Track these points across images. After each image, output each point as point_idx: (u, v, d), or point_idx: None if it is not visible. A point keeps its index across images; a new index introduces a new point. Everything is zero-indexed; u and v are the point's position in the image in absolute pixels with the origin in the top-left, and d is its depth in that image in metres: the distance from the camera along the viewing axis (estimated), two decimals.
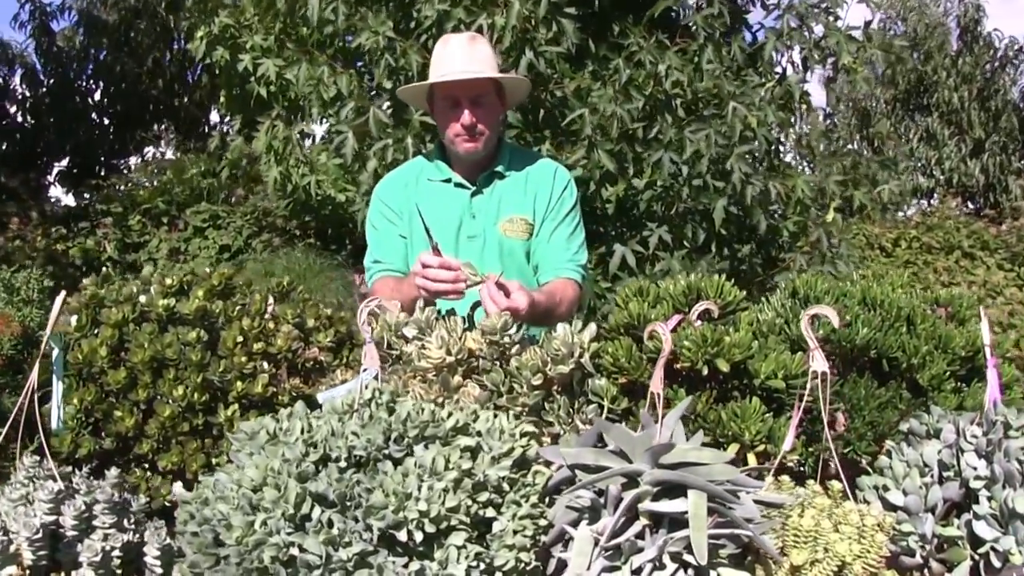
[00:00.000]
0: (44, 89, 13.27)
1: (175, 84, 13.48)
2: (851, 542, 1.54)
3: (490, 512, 1.38)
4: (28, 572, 1.38)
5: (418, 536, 1.26)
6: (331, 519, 1.28)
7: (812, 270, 4.73)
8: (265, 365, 1.74)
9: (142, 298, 1.82)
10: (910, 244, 9.70)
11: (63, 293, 1.72)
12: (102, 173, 12.55)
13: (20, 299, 1.72)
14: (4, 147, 12.97)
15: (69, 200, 12.21)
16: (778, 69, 5.33)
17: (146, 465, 1.69)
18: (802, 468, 1.91)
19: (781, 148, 5.90)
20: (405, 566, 1.24)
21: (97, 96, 13.74)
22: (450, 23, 4.21)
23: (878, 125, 16.91)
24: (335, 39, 4.93)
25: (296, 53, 4.79)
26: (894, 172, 5.60)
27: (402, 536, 1.26)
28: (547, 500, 1.51)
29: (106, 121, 13.83)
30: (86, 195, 10.69)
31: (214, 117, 13.82)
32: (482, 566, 1.30)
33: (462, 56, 2.58)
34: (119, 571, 1.44)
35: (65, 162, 13.45)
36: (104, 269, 2.23)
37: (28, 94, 13.26)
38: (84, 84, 13.64)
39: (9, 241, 8.37)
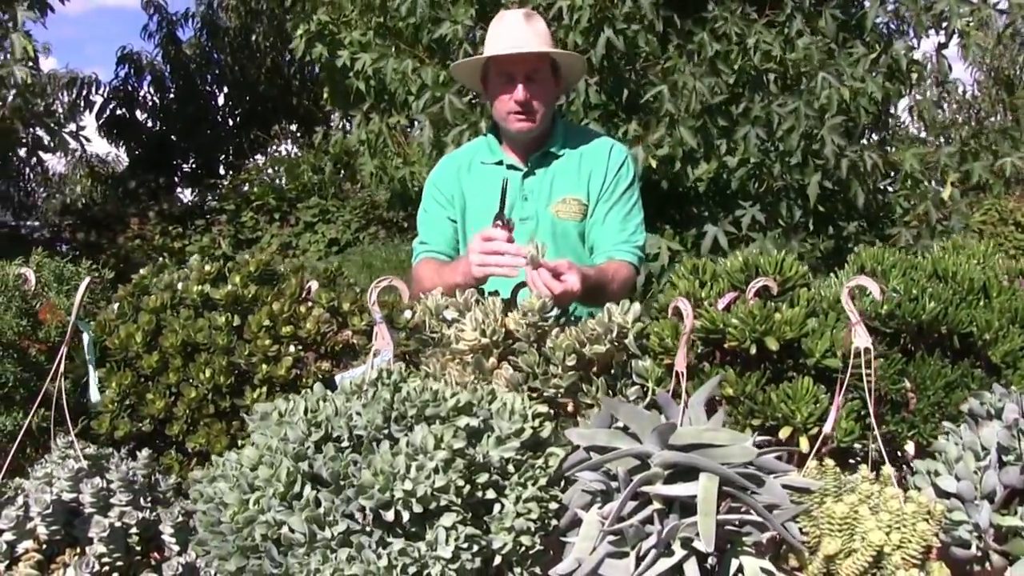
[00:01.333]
0: (171, 95, 13.94)
1: (292, 83, 13.92)
2: (889, 530, 1.44)
3: (492, 494, 1.35)
4: (44, 547, 1.44)
5: (405, 516, 1.25)
6: (319, 498, 1.28)
7: (920, 245, 4.48)
8: (292, 348, 1.76)
9: (180, 285, 1.87)
10: None
11: (88, 279, 1.78)
12: (224, 173, 13.14)
13: (68, 288, 1.80)
14: (137, 152, 13.73)
15: (193, 200, 12.83)
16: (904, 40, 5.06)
17: (175, 447, 1.75)
18: (863, 452, 1.81)
19: (893, 120, 5.62)
20: (387, 546, 1.23)
21: (220, 100, 14.37)
22: (530, 6, 4.18)
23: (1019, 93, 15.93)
24: (424, 31, 4.98)
25: (384, 47, 4.86)
26: (1017, 143, 5.25)
27: (389, 516, 1.25)
28: (563, 483, 1.48)
29: (229, 122, 14.44)
30: (207, 194, 11.18)
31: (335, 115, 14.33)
32: (475, 548, 1.27)
33: (518, 32, 2.54)
34: (138, 548, 1.49)
35: (191, 164, 14.13)
36: (160, 259, 2.30)
37: (156, 100, 13.96)
38: (208, 88, 14.26)
39: (129, 240, 8.84)
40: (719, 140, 4.32)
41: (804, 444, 1.74)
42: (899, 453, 1.87)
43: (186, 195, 13.63)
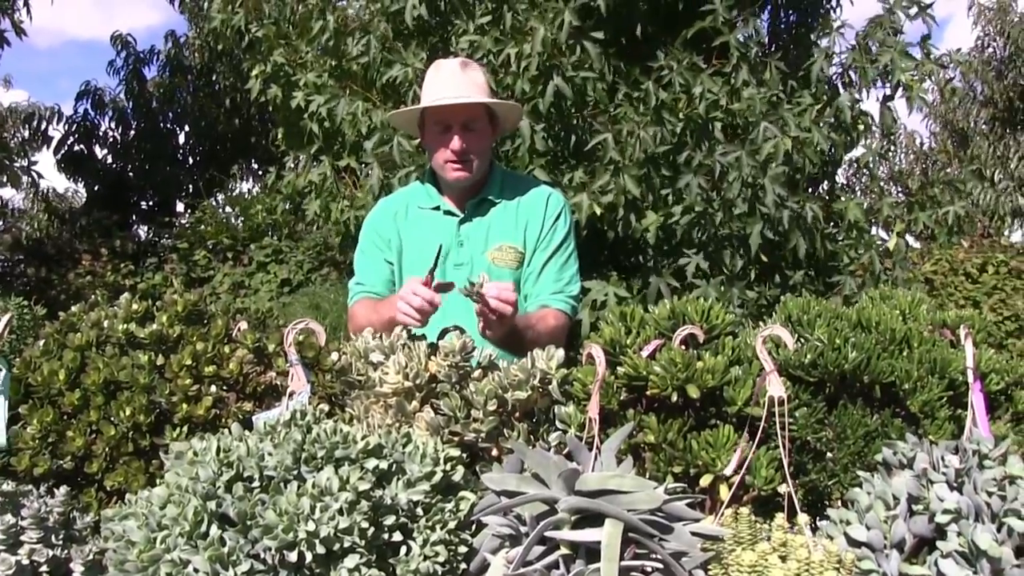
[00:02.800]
0: (132, 132, 13.89)
1: (252, 123, 13.94)
2: None
3: (399, 536, 1.37)
4: None
5: (308, 556, 1.26)
6: (224, 538, 1.29)
7: (863, 294, 4.57)
8: (213, 388, 1.77)
9: (106, 323, 1.88)
10: (997, 269, 9.27)
11: (8, 315, 1.79)
12: (183, 211, 13.08)
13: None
14: (95, 188, 13.63)
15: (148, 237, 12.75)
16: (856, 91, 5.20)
17: (95, 484, 1.75)
18: (778, 499, 1.84)
19: (846, 171, 5.75)
20: None
21: (181, 138, 14.35)
22: (479, 53, 4.26)
23: (973, 146, 16.39)
24: (375, 73, 5.04)
25: (336, 89, 4.91)
26: (962, 193, 5.39)
27: (293, 557, 1.26)
28: (475, 527, 1.50)
29: (189, 160, 14.41)
30: (162, 232, 11.14)
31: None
32: None
33: (454, 81, 2.59)
34: None
35: (149, 201, 14.06)
36: (93, 296, 2.31)
37: (117, 136, 13.90)
38: (169, 126, 14.25)
39: (80, 277, 8.77)
40: (664, 190, 4.40)
41: (724, 492, 1.77)
42: (826, 502, 1.91)
43: (142, 233, 13.57)
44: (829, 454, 1.89)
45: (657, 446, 1.81)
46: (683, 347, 1.91)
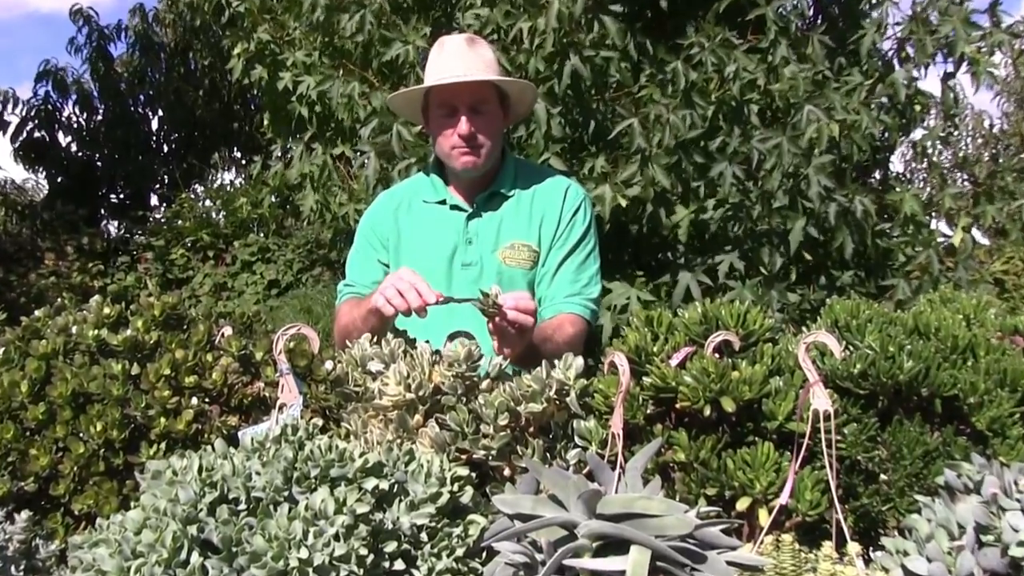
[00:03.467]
0: (99, 117, 13.93)
1: (234, 107, 13.99)
2: None
3: (401, 565, 1.38)
4: None
5: None
6: (206, 566, 1.30)
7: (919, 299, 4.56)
8: (195, 401, 1.79)
9: (75, 329, 1.90)
10: None
11: None
12: (157, 205, 13.13)
13: None
14: (59, 179, 13.67)
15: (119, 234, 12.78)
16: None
17: (61, 508, 1.76)
18: (825, 526, 1.84)
19: (896, 157, 5.71)
20: None
21: (154, 123, 14.40)
22: (487, 29, 4.27)
23: None
24: (373, 52, 5.05)
25: (329, 69, 4.92)
26: None
27: None
28: (485, 554, 1.51)
29: (164, 149, 14.46)
30: (135, 229, 11.19)
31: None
32: None
33: (460, 59, 2.60)
34: None
35: (119, 194, 14.10)
36: (60, 299, 2.32)
37: (82, 122, 13.94)
38: (140, 110, 14.28)
39: (43, 278, 8.82)
40: (696, 181, 4.39)
41: (764, 517, 1.77)
42: (880, 530, 1.90)
43: (112, 228, 13.62)
44: (883, 476, 1.89)
45: (688, 465, 1.82)
46: (716, 355, 1.92)
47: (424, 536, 1.41)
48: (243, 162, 14.55)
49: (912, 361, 1.92)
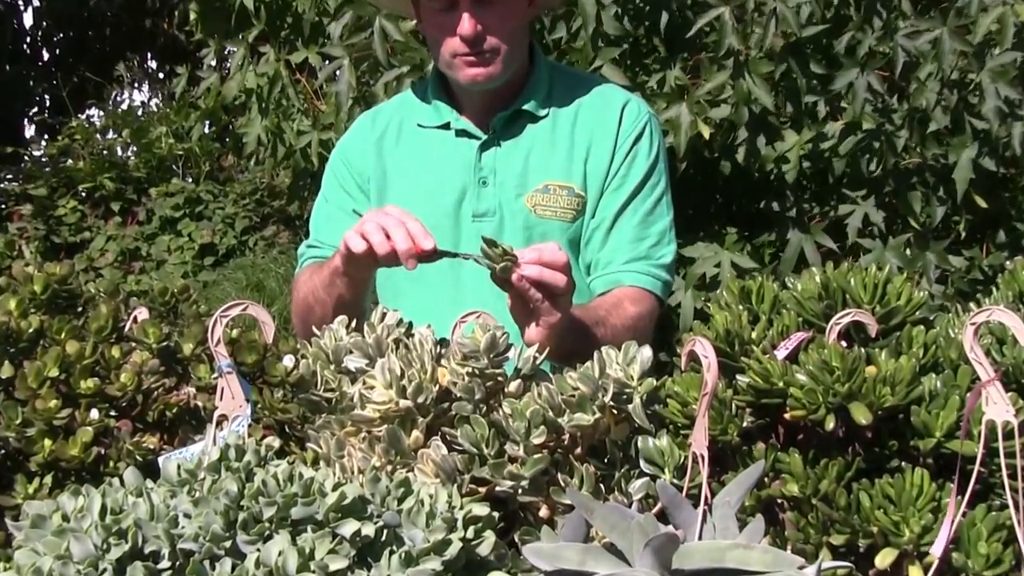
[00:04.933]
0: None
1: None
2: None
3: None
4: None
5: None
6: None
7: None
8: (96, 414, 1.78)
9: None
10: None
11: None
12: (34, 137, 13.09)
13: None
14: None
15: None
16: None
17: None
18: None
19: None
20: None
21: (28, 19, 14.40)
22: None
23: None
24: None
25: None
26: None
27: None
28: None
29: (44, 56, 14.47)
30: (2, 171, 11.17)
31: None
32: None
33: None
34: None
35: None
36: None
37: None
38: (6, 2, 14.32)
39: None
40: (811, 96, 4.36)
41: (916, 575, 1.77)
42: None
43: None
44: None
45: (804, 501, 1.81)
46: (843, 344, 1.91)
47: None
48: (160, 75, 14.54)
49: None
